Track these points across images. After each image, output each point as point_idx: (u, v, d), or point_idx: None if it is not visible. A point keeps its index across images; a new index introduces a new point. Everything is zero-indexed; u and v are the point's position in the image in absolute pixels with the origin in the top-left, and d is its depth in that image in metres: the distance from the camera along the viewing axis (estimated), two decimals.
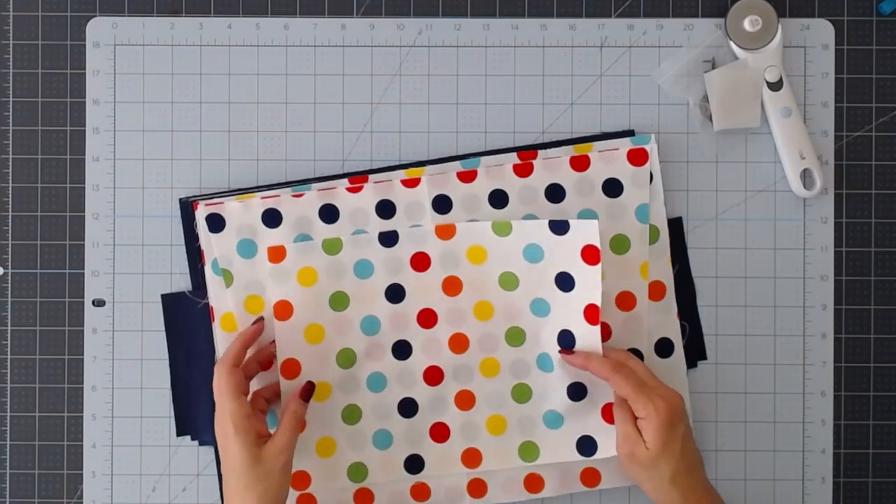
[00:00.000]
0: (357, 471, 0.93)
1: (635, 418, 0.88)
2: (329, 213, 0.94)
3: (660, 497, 0.87)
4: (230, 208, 0.94)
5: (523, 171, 0.95)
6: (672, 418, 0.86)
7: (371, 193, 0.94)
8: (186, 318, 0.95)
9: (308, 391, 0.90)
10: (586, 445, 0.93)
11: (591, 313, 0.90)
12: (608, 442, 0.92)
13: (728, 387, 0.96)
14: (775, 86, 0.95)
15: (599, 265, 0.90)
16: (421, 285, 0.93)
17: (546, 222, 0.91)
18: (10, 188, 0.97)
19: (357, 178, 0.95)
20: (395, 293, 0.93)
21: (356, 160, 0.96)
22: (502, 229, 0.92)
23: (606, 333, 0.94)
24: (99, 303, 0.96)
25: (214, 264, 0.94)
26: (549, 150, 0.95)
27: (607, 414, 0.92)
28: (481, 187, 0.94)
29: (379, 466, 0.93)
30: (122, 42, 0.96)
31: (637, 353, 0.94)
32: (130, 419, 0.96)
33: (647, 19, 0.97)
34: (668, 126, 0.96)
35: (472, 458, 0.94)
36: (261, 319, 0.92)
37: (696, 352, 0.96)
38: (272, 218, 0.94)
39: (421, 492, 0.94)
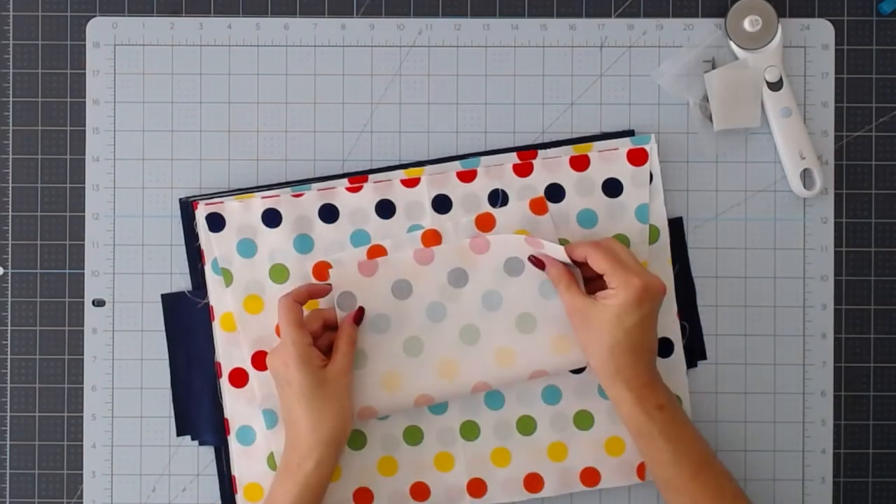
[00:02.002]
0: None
1: (584, 293, 0.90)
2: (329, 213, 0.94)
3: (597, 364, 0.89)
4: (230, 208, 0.94)
5: (523, 170, 0.95)
6: (641, 296, 0.86)
7: (371, 193, 0.94)
8: (186, 318, 0.95)
9: (359, 315, 0.92)
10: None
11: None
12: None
13: (728, 387, 0.96)
14: (775, 86, 0.95)
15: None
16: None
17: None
18: (10, 188, 0.97)
19: (357, 178, 0.95)
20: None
21: (356, 160, 0.96)
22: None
23: None
24: (99, 303, 0.96)
25: (214, 264, 0.94)
26: (549, 150, 0.95)
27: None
28: (481, 187, 0.94)
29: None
30: (122, 42, 0.96)
31: None
32: (130, 419, 0.96)
33: (647, 19, 0.97)
34: (668, 126, 0.96)
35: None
36: (329, 285, 0.93)
37: (696, 352, 0.96)
38: (272, 218, 0.94)
39: (421, 491, 0.94)
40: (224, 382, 0.94)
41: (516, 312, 0.93)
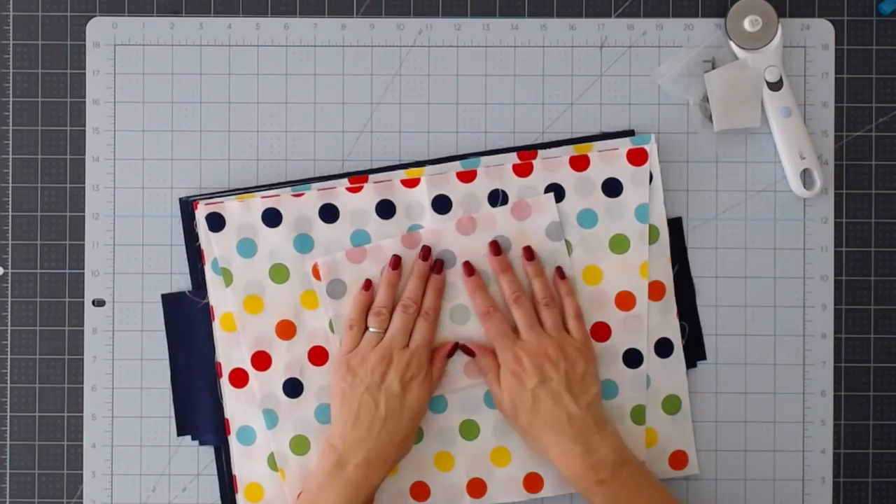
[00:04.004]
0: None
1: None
2: (329, 213, 0.94)
3: (531, 448, 0.91)
4: (230, 207, 0.94)
5: (523, 170, 0.95)
6: (519, 373, 0.88)
7: (371, 193, 0.94)
8: (186, 318, 0.95)
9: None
10: None
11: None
12: None
13: (728, 387, 0.96)
14: (775, 86, 0.95)
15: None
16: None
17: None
18: (10, 188, 0.97)
19: (357, 178, 0.95)
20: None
21: (356, 160, 0.96)
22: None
23: (606, 333, 0.94)
24: (99, 303, 0.96)
25: (214, 263, 0.94)
26: (549, 150, 0.95)
27: None
28: (481, 187, 0.94)
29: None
30: (122, 42, 0.96)
31: (637, 353, 0.94)
32: (130, 419, 0.96)
33: (647, 19, 0.97)
34: (668, 126, 0.96)
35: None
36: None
37: (696, 352, 0.96)
38: (272, 217, 0.94)
39: (420, 491, 0.94)
40: (224, 382, 0.94)
41: None
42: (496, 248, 0.93)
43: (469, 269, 0.93)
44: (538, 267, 0.93)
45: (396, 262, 0.92)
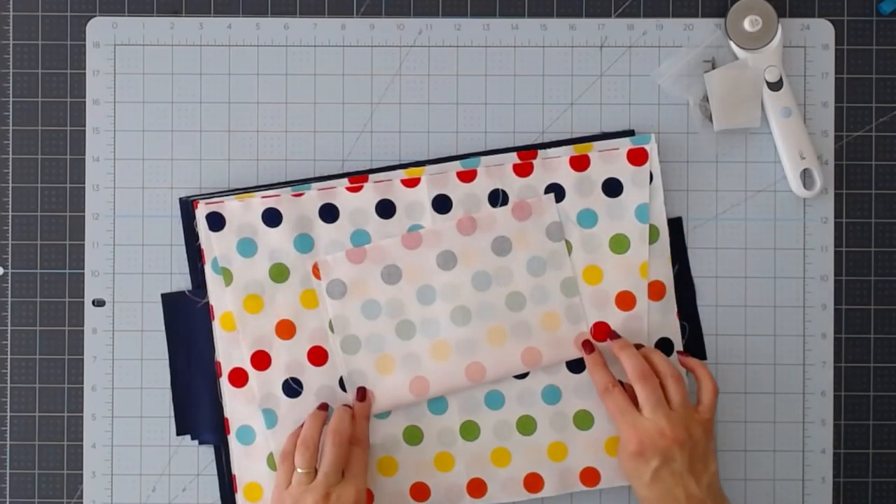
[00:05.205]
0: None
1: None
2: (329, 213, 0.94)
3: None
4: (230, 207, 0.94)
5: (523, 170, 0.95)
6: (642, 451, 0.87)
7: (371, 193, 0.94)
8: (186, 318, 0.95)
9: (363, 394, 0.93)
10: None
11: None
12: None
13: (728, 387, 0.96)
14: (775, 86, 0.95)
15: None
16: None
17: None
18: (10, 188, 0.97)
19: (357, 178, 0.95)
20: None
21: (356, 160, 0.96)
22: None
23: (606, 333, 0.94)
24: (99, 303, 0.96)
25: (214, 263, 0.94)
26: (549, 150, 0.95)
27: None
28: (481, 187, 0.94)
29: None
30: (122, 42, 0.96)
31: None
32: (130, 419, 0.96)
33: (647, 19, 0.97)
34: (668, 126, 0.96)
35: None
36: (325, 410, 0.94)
37: (696, 352, 0.96)
38: (272, 217, 0.94)
39: (421, 491, 0.94)
40: (224, 382, 0.94)
41: (506, 291, 0.94)
42: (589, 346, 0.93)
43: (589, 346, 0.92)
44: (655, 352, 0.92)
45: (324, 406, 0.93)
